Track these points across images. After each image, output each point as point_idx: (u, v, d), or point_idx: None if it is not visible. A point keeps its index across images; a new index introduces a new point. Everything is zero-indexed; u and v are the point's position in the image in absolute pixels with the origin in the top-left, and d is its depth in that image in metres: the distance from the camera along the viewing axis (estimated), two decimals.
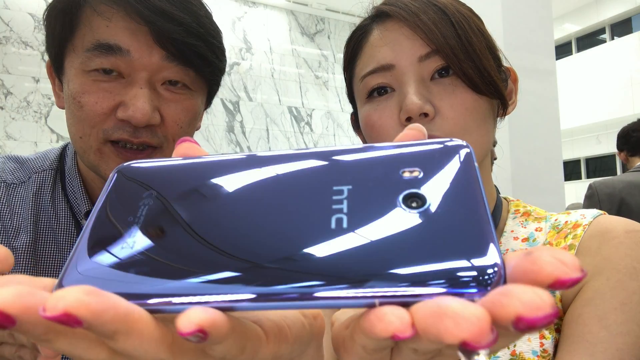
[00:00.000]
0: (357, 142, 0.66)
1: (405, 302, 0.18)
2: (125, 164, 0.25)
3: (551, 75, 2.30)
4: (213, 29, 0.64)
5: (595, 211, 0.56)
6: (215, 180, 0.23)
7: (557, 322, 0.52)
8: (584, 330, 0.47)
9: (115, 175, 0.24)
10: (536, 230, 0.58)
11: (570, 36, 9.56)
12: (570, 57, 9.30)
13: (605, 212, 0.56)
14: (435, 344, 0.17)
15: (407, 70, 0.55)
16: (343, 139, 6.77)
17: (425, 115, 0.53)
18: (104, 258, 0.21)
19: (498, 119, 0.61)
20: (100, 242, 0.21)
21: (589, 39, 9.37)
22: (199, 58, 0.61)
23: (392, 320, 0.17)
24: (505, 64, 0.62)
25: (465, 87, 0.54)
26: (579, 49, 9.47)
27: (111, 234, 0.22)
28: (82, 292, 0.17)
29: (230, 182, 0.23)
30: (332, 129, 6.73)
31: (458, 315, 0.16)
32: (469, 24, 0.55)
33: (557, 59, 2.58)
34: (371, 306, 0.18)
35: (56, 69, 0.64)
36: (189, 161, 0.24)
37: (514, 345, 0.51)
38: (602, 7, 8.90)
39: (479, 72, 0.54)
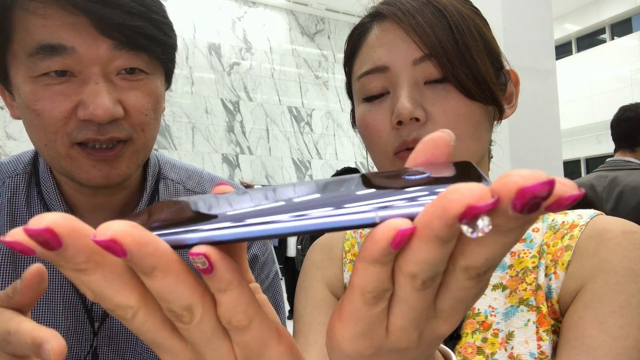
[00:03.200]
0: (357, 142, 0.65)
1: (406, 215, 0.20)
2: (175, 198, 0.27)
3: (551, 75, 2.30)
4: (154, 4, 0.60)
5: (592, 211, 0.56)
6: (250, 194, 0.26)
7: (555, 324, 0.52)
8: (583, 334, 0.47)
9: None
10: (533, 230, 0.58)
11: (570, 36, 9.56)
12: (570, 57, 9.30)
13: (603, 212, 0.56)
14: (441, 231, 0.18)
15: (401, 72, 0.54)
16: (343, 139, 6.77)
17: (417, 120, 0.52)
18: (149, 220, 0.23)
19: (495, 122, 0.61)
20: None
21: (589, 39, 9.37)
22: (148, 39, 0.58)
23: (395, 221, 0.19)
24: (506, 65, 0.61)
25: (459, 93, 0.53)
26: (579, 49, 9.47)
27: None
28: (128, 225, 0.19)
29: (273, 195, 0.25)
30: (332, 129, 6.73)
31: (459, 188, 0.17)
32: (468, 26, 0.54)
33: (557, 59, 2.57)
34: (373, 224, 0.20)
35: (2, 80, 0.59)
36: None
37: (512, 348, 0.51)
38: (602, 7, 8.90)
39: (473, 78, 0.53)
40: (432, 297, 0.22)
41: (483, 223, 0.17)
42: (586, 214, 0.55)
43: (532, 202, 0.16)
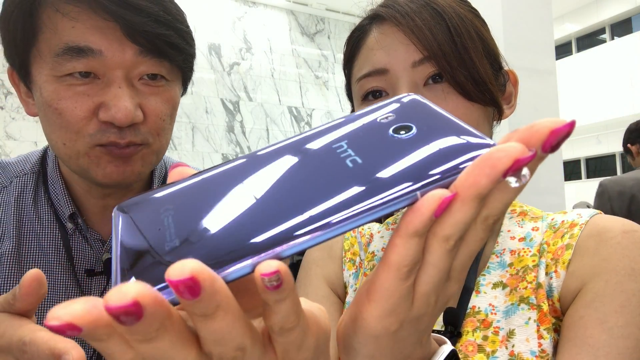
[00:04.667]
0: None
1: (443, 185, 0.22)
2: (123, 203, 0.25)
3: (551, 75, 2.29)
4: (178, 14, 0.62)
5: (591, 210, 0.56)
6: (233, 171, 0.24)
7: (555, 322, 0.52)
8: (585, 333, 0.47)
9: (120, 213, 0.24)
10: (533, 229, 0.58)
11: (570, 36, 9.56)
12: (570, 57, 9.29)
13: (602, 212, 0.56)
14: (485, 189, 0.21)
15: (400, 75, 0.55)
16: None
17: None
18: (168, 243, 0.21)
19: (494, 123, 0.61)
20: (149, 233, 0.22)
21: (589, 39, 9.36)
22: (172, 48, 0.59)
23: (437, 192, 0.21)
24: (505, 66, 0.62)
25: (458, 94, 0.53)
26: (579, 49, 9.47)
27: (151, 228, 0.22)
28: (195, 260, 0.18)
29: (254, 168, 0.24)
30: None
31: (503, 148, 0.20)
32: (467, 27, 0.54)
33: (557, 59, 2.57)
34: (414, 200, 0.21)
35: (23, 76, 0.60)
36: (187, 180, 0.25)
37: (512, 346, 0.51)
38: (602, 7, 8.90)
39: (472, 80, 0.53)
40: (454, 257, 0.24)
41: (525, 171, 0.20)
42: (585, 213, 0.56)
43: (559, 141, 0.20)
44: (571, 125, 0.20)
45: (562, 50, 9.51)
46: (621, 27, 8.87)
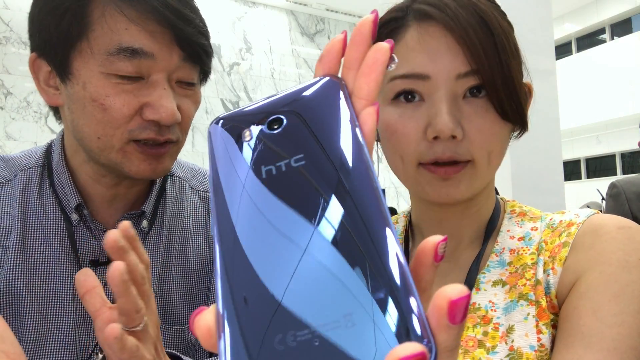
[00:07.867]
0: None
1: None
2: None
3: (551, 75, 2.30)
4: (204, 21, 0.67)
5: (589, 211, 0.57)
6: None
7: (553, 317, 0.52)
8: (579, 322, 0.47)
9: None
10: (532, 229, 0.59)
11: (570, 36, 9.57)
12: (570, 57, 9.30)
13: (599, 212, 0.57)
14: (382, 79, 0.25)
15: (442, 84, 0.52)
16: None
17: (453, 137, 0.52)
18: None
19: (512, 138, 0.61)
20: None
21: (589, 39, 9.37)
22: (207, 56, 0.66)
23: (369, 109, 0.24)
24: (526, 76, 0.62)
25: (495, 112, 0.53)
26: (579, 49, 9.48)
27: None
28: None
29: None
30: None
31: (376, 48, 0.25)
32: (509, 42, 0.54)
33: (557, 59, 2.58)
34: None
35: (59, 68, 0.62)
36: None
37: (512, 341, 0.52)
38: (602, 7, 8.91)
39: (511, 100, 0.53)
40: None
41: (394, 58, 0.25)
42: (583, 213, 0.57)
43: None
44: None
45: (562, 50, 9.52)
46: (621, 27, 8.88)
